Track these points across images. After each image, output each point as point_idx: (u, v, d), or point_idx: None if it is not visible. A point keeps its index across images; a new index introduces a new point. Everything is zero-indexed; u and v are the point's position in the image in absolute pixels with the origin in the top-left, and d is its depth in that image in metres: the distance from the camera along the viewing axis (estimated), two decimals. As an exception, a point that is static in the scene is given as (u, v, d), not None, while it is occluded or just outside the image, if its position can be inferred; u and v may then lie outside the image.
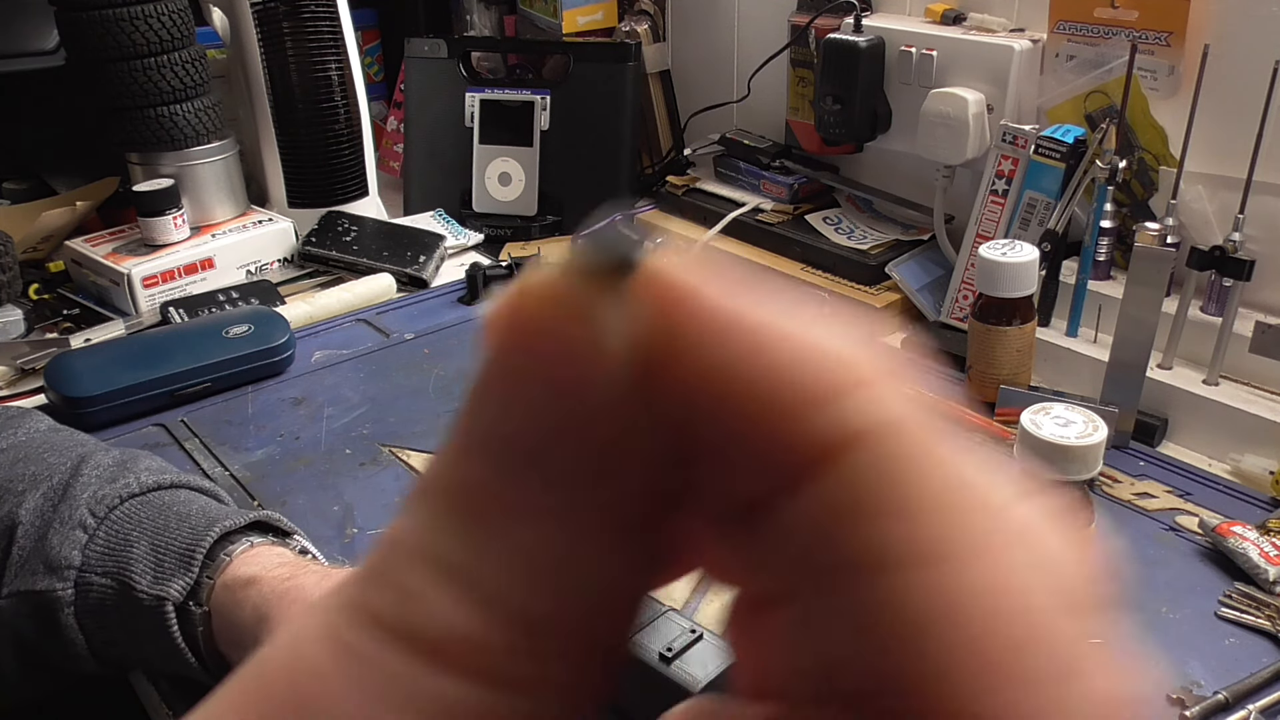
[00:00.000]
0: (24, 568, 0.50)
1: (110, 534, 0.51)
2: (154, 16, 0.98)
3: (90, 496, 0.52)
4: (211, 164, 1.06)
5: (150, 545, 0.50)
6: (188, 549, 0.50)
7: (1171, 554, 0.64)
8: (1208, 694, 0.52)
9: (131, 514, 0.52)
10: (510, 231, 1.19)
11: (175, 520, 0.52)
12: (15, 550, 0.50)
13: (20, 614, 0.50)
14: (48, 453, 0.56)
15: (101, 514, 0.51)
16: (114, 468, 0.54)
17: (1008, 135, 0.86)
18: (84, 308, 1.02)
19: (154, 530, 0.51)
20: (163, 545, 0.50)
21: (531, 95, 1.19)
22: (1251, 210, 0.74)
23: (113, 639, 0.50)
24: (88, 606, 0.49)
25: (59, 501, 0.51)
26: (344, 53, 1.11)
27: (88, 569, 0.50)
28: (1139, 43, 0.81)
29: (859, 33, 0.97)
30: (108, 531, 0.51)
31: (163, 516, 0.52)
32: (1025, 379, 0.79)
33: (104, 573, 0.50)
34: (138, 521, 0.51)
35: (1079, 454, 0.51)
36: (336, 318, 0.99)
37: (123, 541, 0.50)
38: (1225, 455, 0.73)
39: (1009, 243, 0.76)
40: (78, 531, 0.50)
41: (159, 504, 0.53)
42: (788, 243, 1.04)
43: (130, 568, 0.49)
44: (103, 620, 0.50)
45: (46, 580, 0.49)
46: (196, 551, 0.49)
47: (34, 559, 0.50)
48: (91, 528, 0.51)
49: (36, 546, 0.50)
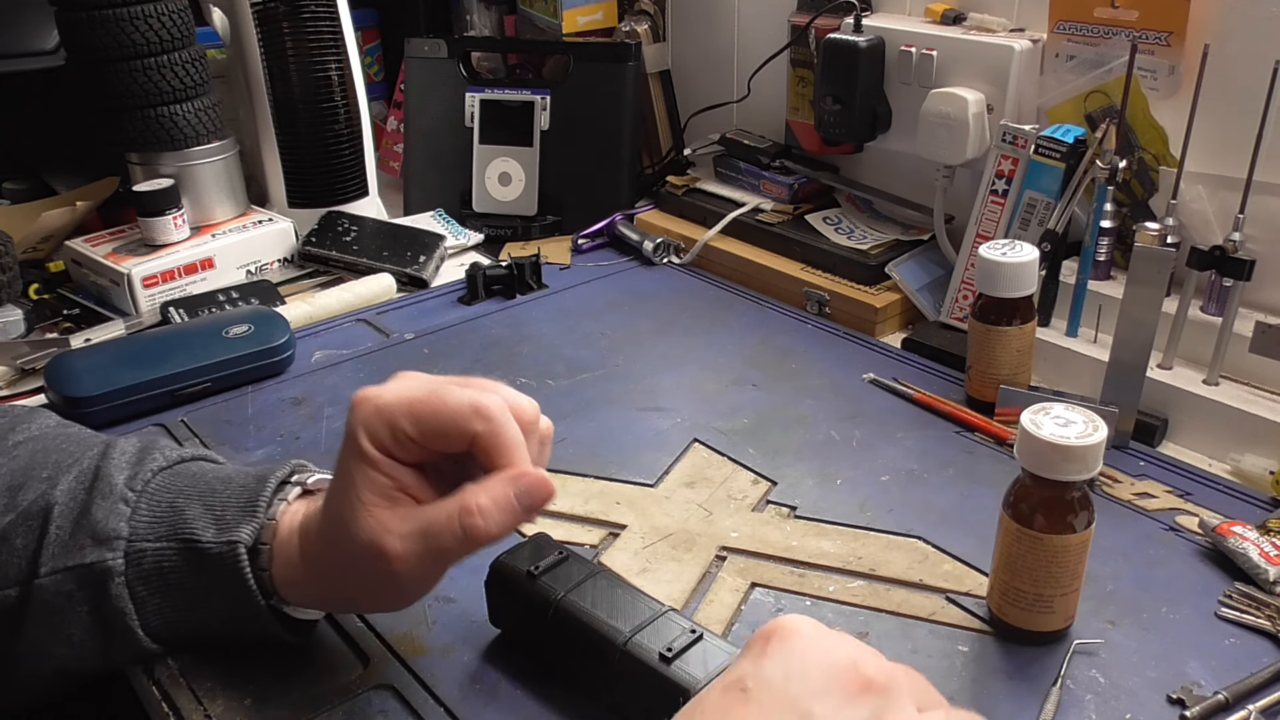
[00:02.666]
0: (67, 545, 0.51)
1: (153, 504, 0.52)
2: (154, 16, 0.98)
3: (125, 474, 0.53)
4: (211, 164, 1.06)
5: (203, 505, 0.52)
6: (249, 500, 0.51)
7: (1171, 554, 0.64)
8: (1208, 694, 0.52)
9: (169, 484, 0.53)
10: (510, 231, 1.19)
11: (218, 483, 0.53)
12: (53, 530, 0.51)
13: (63, 590, 0.50)
14: (67, 443, 0.57)
15: (139, 488, 0.53)
16: (139, 450, 0.56)
17: (1008, 135, 0.86)
18: (84, 308, 1.02)
19: (200, 493, 0.52)
20: (216, 503, 0.52)
21: (531, 95, 1.19)
22: (1251, 210, 0.75)
23: (164, 605, 0.52)
24: (140, 574, 0.51)
25: (93, 482, 0.52)
26: (344, 53, 1.11)
27: (136, 538, 0.51)
28: (1139, 43, 0.81)
29: (859, 33, 0.97)
30: (150, 503, 0.52)
31: (203, 482, 0.53)
32: (1025, 379, 0.79)
33: (156, 538, 0.51)
34: (179, 490, 0.53)
35: (1079, 454, 0.51)
36: (336, 318, 0.99)
37: (169, 508, 0.52)
38: (1225, 455, 0.73)
39: (1009, 243, 0.76)
40: (121, 505, 0.51)
41: (191, 473, 0.54)
42: (788, 243, 1.04)
43: (190, 525, 0.51)
44: (156, 586, 0.51)
45: (96, 552, 0.50)
46: (260, 500, 0.51)
47: (78, 535, 0.51)
48: (133, 500, 0.52)
49: (78, 523, 0.51)
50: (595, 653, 0.51)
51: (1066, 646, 0.56)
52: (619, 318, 0.98)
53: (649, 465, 0.74)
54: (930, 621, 0.59)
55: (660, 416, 0.81)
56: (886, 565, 0.63)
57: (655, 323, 0.97)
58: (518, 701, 0.53)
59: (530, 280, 1.05)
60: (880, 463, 0.74)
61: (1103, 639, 0.57)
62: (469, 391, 0.47)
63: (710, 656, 0.49)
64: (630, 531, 0.67)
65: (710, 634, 0.51)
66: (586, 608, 0.52)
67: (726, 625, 0.59)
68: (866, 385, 0.85)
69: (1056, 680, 0.54)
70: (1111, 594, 0.60)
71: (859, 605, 0.60)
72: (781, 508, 0.69)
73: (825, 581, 0.62)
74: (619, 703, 0.51)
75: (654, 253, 1.10)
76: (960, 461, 0.74)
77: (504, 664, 0.56)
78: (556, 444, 0.77)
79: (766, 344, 0.92)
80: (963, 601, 0.60)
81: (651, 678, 0.49)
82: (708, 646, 0.50)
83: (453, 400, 0.46)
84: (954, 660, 0.56)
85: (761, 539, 0.66)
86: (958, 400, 0.81)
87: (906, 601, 0.60)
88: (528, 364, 0.89)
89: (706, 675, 0.48)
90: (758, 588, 0.62)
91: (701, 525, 0.67)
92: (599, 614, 0.52)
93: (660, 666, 0.49)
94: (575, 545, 0.65)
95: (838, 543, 0.65)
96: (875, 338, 0.93)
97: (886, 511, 0.68)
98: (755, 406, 0.82)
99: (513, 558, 0.56)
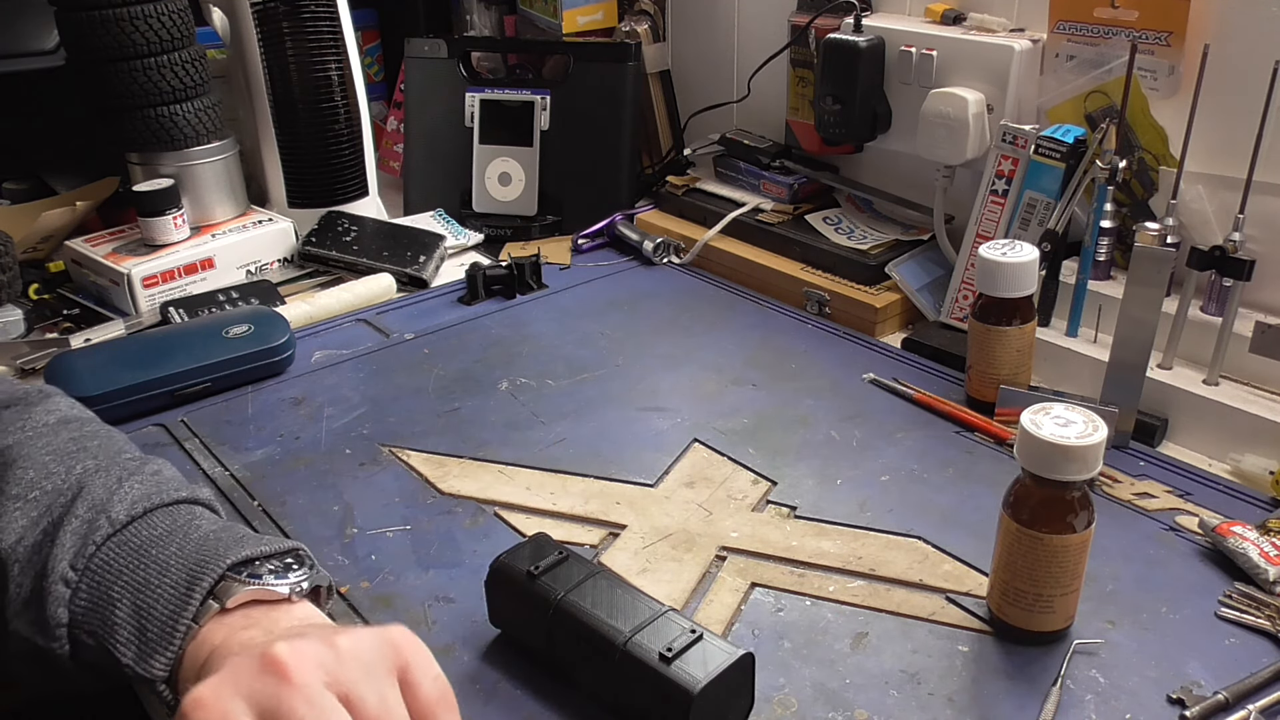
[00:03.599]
0: (21, 612, 0.50)
1: (94, 584, 0.50)
2: (154, 16, 0.98)
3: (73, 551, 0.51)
4: (211, 164, 1.06)
5: (132, 607, 0.49)
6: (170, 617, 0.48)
7: (1171, 554, 0.64)
8: (1208, 694, 0.52)
9: (111, 563, 0.51)
10: (510, 231, 1.19)
11: (156, 573, 0.50)
12: (13, 586, 0.51)
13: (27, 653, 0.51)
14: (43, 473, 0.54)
15: (81, 566, 0.50)
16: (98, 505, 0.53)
17: (1008, 135, 0.86)
18: (84, 308, 1.02)
19: (134, 586, 0.50)
20: (144, 607, 0.49)
21: (531, 95, 1.19)
22: (1251, 210, 0.75)
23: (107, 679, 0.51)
24: (84, 662, 0.50)
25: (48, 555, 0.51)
26: (344, 53, 1.11)
27: (75, 625, 0.49)
28: (1139, 43, 0.81)
29: (859, 33, 0.97)
30: (89, 584, 0.50)
31: (143, 566, 0.50)
32: (1025, 379, 0.79)
33: (89, 633, 0.49)
34: (118, 573, 0.50)
35: (1079, 454, 0.51)
36: (336, 318, 0.99)
37: (103, 600, 0.50)
38: (1225, 455, 0.73)
39: (1009, 243, 0.76)
40: (60, 587, 0.50)
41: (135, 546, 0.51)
42: (788, 243, 1.04)
43: (114, 635, 0.49)
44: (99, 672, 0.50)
45: (42, 639, 0.49)
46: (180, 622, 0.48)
47: (25, 613, 0.50)
48: (73, 581, 0.50)
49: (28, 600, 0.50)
50: (595, 653, 0.51)
51: (1066, 646, 0.56)
52: (619, 318, 0.98)
53: (649, 465, 0.74)
54: (930, 621, 0.59)
55: (660, 416, 0.81)
56: (886, 565, 0.63)
57: (655, 323, 0.97)
58: (518, 701, 0.53)
59: (530, 280, 1.05)
60: (880, 463, 0.74)
61: (1103, 639, 0.57)
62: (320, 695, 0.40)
63: (710, 656, 0.49)
64: (630, 531, 0.67)
65: (710, 634, 0.51)
66: (586, 608, 0.52)
67: (726, 625, 0.59)
68: (866, 385, 0.85)
69: (1056, 680, 0.54)
70: (1111, 594, 0.60)
71: (859, 605, 0.60)
72: (781, 508, 0.69)
73: (825, 581, 0.62)
74: (619, 703, 0.51)
75: (654, 253, 1.10)
76: (960, 461, 0.74)
77: (504, 664, 0.56)
78: (557, 444, 0.77)
79: (766, 344, 0.92)
80: (963, 601, 0.60)
81: (651, 678, 0.49)
82: (707, 646, 0.50)
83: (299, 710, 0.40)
84: (954, 660, 0.56)
85: (761, 539, 0.66)
86: (958, 400, 0.81)
87: (906, 601, 0.60)
88: (528, 364, 0.89)
89: (706, 675, 0.48)
90: (758, 588, 0.62)
91: (701, 525, 0.67)
92: (599, 614, 0.52)
93: (660, 666, 0.49)
94: (575, 545, 0.65)
95: (838, 543, 0.65)
96: (875, 338, 0.93)
97: (886, 511, 0.68)
98: (755, 406, 0.82)
99: (513, 558, 0.56)
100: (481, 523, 0.68)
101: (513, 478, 0.73)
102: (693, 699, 0.47)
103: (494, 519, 0.69)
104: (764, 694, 0.53)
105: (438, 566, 0.64)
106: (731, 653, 0.50)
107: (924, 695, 0.53)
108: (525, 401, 0.83)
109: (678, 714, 0.48)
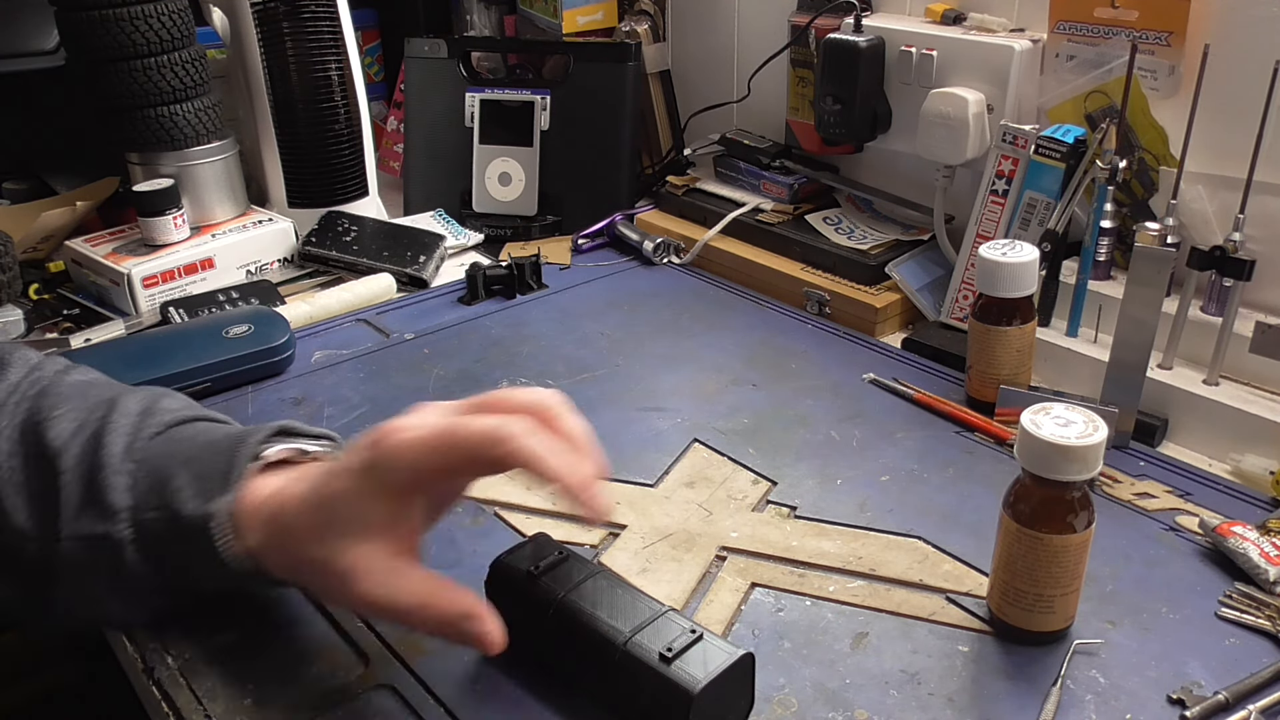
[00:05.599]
0: (79, 512, 0.54)
1: (150, 469, 0.54)
2: (154, 16, 0.98)
3: (124, 442, 0.55)
4: (211, 164, 1.06)
5: (188, 469, 0.54)
6: (226, 467, 0.54)
7: (1171, 554, 0.64)
8: (1208, 694, 0.52)
9: (163, 447, 0.56)
10: (510, 231, 1.19)
11: (206, 445, 0.56)
12: (64, 493, 0.54)
13: (82, 558, 0.54)
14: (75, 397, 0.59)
15: (138, 456, 0.55)
16: (140, 413, 0.58)
17: (1008, 135, 0.86)
18: (84, 308, 1.02)
19: (187, 456, 0.55)
20: (200, 468, 0.54)
21: (531, 95, 1.19)
22: (1251, 210, 0.75)
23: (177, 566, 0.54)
24: (148, 540, 0.53)
25: (97, 450, 0.55)
26: (344, 53, 1.11)
27: (139, 508, 0.54)
28: (1139, 43, 0.81)
29: (859, 33, 0.97)
30: (148, 469, 0.54)
31: (195, 441, 0.56)
32: (1025, 379, 0.79)
33: (152, 507, 0.53)
34: (171, 451, 0.55)
35: (1079, 454, 0.51)
36: (336, 318, 0.99)
37: (161, 475, 0.54)
38: (1225, 455, 0.73)
39: (1009, 243, 0.76)
40: (121, 477, 0.54)
41: (184, 437, 0.57)
42: (788, 243, 1.04)
43: (175, 495, 0.53)
44: (161, 550, 0.54)
45: (104, 525, 0.53)
46: (234, 471, 0.53)
47: (86, 506, 0.54)
48: (132, 470, 0.54)
49: (85, 495, 0.54)
50: (595, 653, 0.51)
51: (1066, 646, 0.56)
52: (619, 318, 0.98)
53: (649, 465, 0.74)
54: (930, 621, 0.59)
55: (660, 416, 0.81)
56: (886, 565, 0.63)
57: (655, 323, 0.97)
58: (518, 701, 0.53)
59: (530, 280, 1.05)
60: (880, 463, 0.74)
61: (1103, 639, 0.57)
62: (485, 420, 0.47)
63: (710, 657, 0.49)
64: (630, 531, 0.67)
65: (710, 634, 0.51)
66: (587, 608, 0.52)
67: (726, 625, 0.59)
68: (866, 385, 0.85)
69: (1056, 680, 0.54)
70: (1111, 594, 0.60)
71: (859, 605, 0.60)
72: (781, 508, 0.69)
73: (825, 581, 0.62)
74: (619, 703, 0.51)
75: (654, 253, 1.10)
76: (960, 461, 0.74)
77: (504, 664, 0.56)
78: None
79: (766, 344, 0.92)
80: (963, 601, 0.60)
81: (651, 678, 0.49)
82: (708, 646, 0.50)
83: (471, 431, 0.47)
84: (954, 660, 0.56)
85: (761, 539, 0.66)
86: (958, 400, 0.81)
87: (906, 601, 0.60)
88: (528, 364, 0.89)
89: (706, 675, 0.48)
90: (758, 588, 0.62)
91: (701, 525, 0.67)
92: (599, 614, 0.52)
93: (660, 666, 0.49)
94: (575, 545, 0.65)
95: (838, 543, 0.65)
96: (875, 338, 0.93)
97: (886, 511, 0.68)
98: (755, 406, 0.82)
99: (513, 558, 0.57)
100: (482, 523, 0.68)
101: (513, 477, 0.73)
102: (693, 699, 0.47)
103: (494, 519, 0.69)
104: (764, 694, 0.53)
105: (438, 566, 0.64)
106: (732, 653, 0.50)
107: (924, 695, 0.53)
108: (525, 401, 0.83)
109: (678, 714, 0.48)
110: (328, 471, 0.51)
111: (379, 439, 0.49)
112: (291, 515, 0.51)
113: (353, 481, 0.49)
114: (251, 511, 0.52)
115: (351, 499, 0.49)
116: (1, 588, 0.55)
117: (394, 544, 0.49)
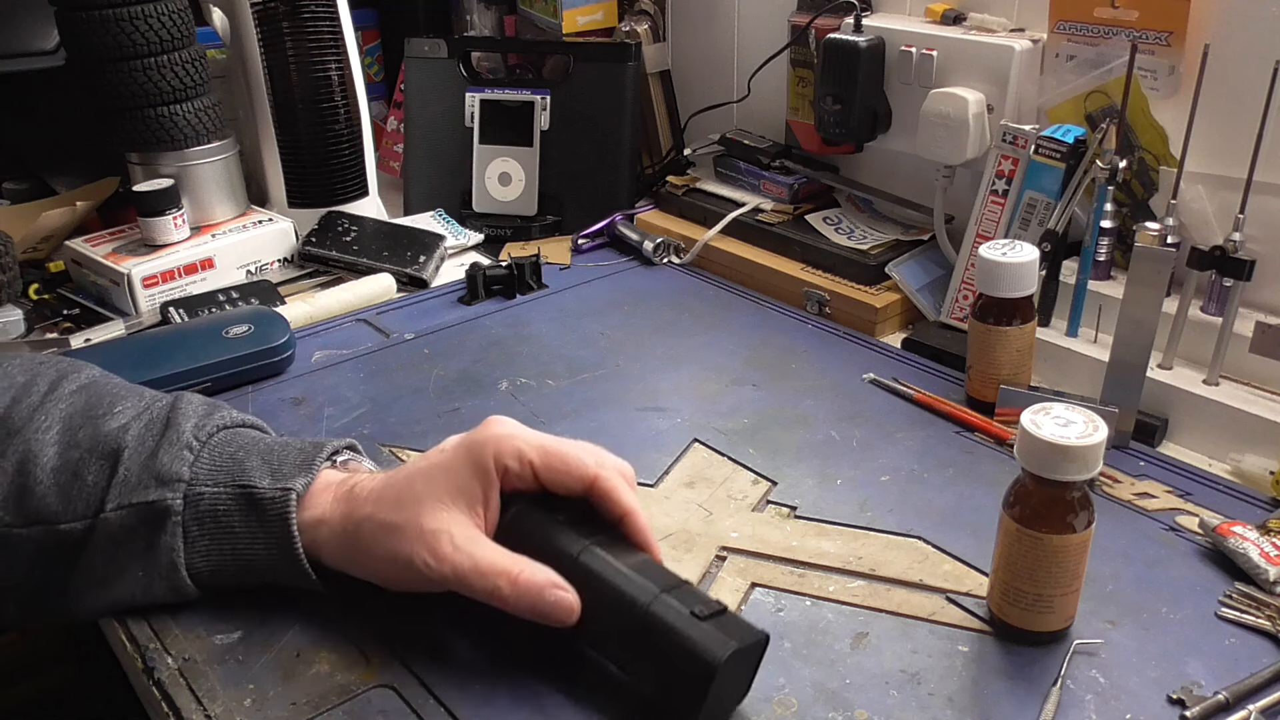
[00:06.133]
0: (133, 485, 0.56)
1: (215, 454, 0.58)
2: (154, 16, 0.98)
3: (192, 423, 0.59)
4: (211, 164, 1.06)
5: (262, 459, 0.58)
6: (306, 460, 0.58)
7: (1171, 554, 0.64)
8: (1208, 694, 0.52)
9: (231, 439, 0.59)
10: (510, 231, 1.19)
11: (277, 445, 0.59)
12: (122, 471, 0.56)
13: (126, 525, 0.56)
14: (124, 389, 0.62)
15: (204, 438, 0.58)
16: (208, 406, 0.61)
17: (1008, 135, 0.86)
18: (84, 308, 1.02)
19: (260, 450, 0.59)
20: (275, 459, 0.58)
21: (531, 95, 1.19)
22: (1251, 210, 0.75)
23: (211, 547, 0.57)
24: (195, 515, 0.56)
25: (164, 430, 0.58)
26: (344, 53, 1.11)
27: (196, 482, 0.57)
28: (1139, 43, 0.81)
29: (859, 33, 0.97)
30: (211, 452, 0.58)
31: (263, 443, 0.59)
32: (1025, 379, 0.79)
33: (214, 483, 0.57)
34: (240, 444, 0.59)
35: (1079, 454, 0.51)
36: (336, 318, 1.00)
37: (230, 459, 0.58)
38: (1225, 455, 0.73)
39: (1009, 243, 0.76)
40: (185, 452, 0.57)
41: (251, 436, 0.60)
42: (788, 243, 1.04)
43: (249, 474, 0.57)
44: (208, 527, 0.56)
45: (158, 492, 0.56)
46: (317, 460, 0.58)
47: (144, 476, 0.56)
48: (196, 448, 0.58)
49: (145, 465, 0.57)
50: (621, 607, 0.51)
51: (1066, 646, 0.56)
52: (619, 318, 0.98)
53: (649, 465, 0.74)
54: (930, 621, 0.59)
55: (660, 416, 0.81)
56: (886, 565, 0.63)
57: (655, 323, 0.97)
58: (518, 701, 0.53)
59: (530, 280, 1.05)
60: (880, 463, 0.74)
61: (1103, 639, 0.57)
62: (585, 444, 0.57)
63: (740, 626, 0.50)
64: (630, 531, 0.67)
65: (732, 613, 0.51)
66: (612, 560, 0.53)
67: (726, 625, 0.59)
68: (866, 385, 0.85)
69: (1056, 680, 0.54)
70: (1111, 594, 0.60)
71: (859, 605, 0.60)
72: (781, 508, 0.69)
73: (825, 581, 0.62)
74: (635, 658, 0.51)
75: (654, 253, 1.10)
76: (960, 461, 0.74)
77: (504, 664, 0.56)
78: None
79: (766, 344, 0.92)
80: (963, 601, 0.60)
81: (678, 637, 0.48)
82: (735, 619, 0.50)
83: (578, 449, 0.56)
84: (954, 660, 0.56)
85: (761, 539, 0.66)
86: (958, 400, 0.81)
87: (906, 601, 0.60)
88: (528, 364, 0.89)
89: (741, 639, 0.48)
90: (758, 588, 0.62)
91: (701, 525, 0.67)
92: (626, 570, 0.52)
93: (690, 625, 0.49)
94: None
95: (838, 543, 0.65)
96: (875, 338, 0.93)
97: (886, 511, 0.68)
98: (755, 406, 0.82)
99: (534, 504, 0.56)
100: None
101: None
102: (723, 661, 0.47)
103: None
104: (764, 694, 0.53)
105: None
106: (757, 631, 0.50)
107: (924, 695, 0.53)
108: (525, 401, 0.83)
109: (703, 674, 0.47)
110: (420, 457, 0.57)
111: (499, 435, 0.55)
112: (367, 489, 0.56)
113: (455, 456, 0.55)
114: (324, 489, 0.57)
115: (452, 468, 0.55)
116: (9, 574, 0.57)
117: (476, 520, 0.54)
